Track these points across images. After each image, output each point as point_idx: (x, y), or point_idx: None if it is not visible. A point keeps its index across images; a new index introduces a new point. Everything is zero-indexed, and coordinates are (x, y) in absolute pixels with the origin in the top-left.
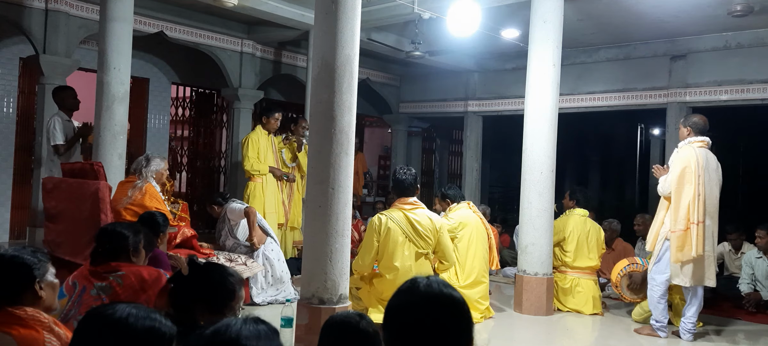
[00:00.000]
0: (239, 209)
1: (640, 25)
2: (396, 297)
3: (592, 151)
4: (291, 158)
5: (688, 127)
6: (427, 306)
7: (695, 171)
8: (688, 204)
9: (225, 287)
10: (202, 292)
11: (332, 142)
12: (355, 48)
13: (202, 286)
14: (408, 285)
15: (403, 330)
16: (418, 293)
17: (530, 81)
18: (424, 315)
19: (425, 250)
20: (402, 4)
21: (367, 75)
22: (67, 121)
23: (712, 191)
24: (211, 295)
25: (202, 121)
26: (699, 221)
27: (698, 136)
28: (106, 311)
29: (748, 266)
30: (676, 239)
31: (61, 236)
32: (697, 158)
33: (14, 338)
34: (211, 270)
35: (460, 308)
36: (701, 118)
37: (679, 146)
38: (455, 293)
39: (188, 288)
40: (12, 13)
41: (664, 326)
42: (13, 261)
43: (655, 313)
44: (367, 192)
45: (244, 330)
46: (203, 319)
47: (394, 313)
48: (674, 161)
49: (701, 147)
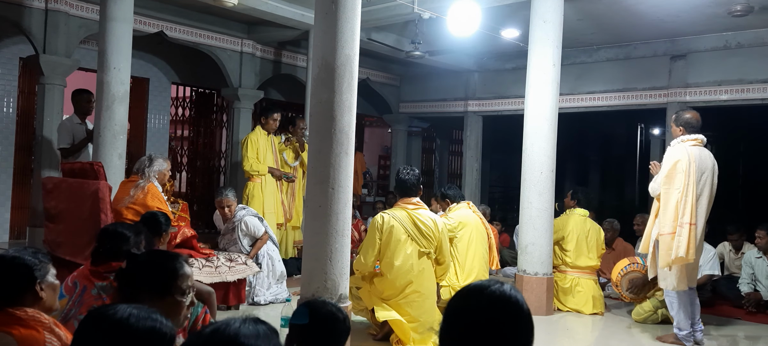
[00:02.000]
0: (258, 229)
1: (640, 25)
2: (458, 299)
3: (592, 151)
4: (293, 158)
5: (680, 127)
6: (491, 310)
7: (686, 170)
8: (676, 205)
9: (165, 268)
10: (142, 280)
11: (332, 142)
12: (355, 48)
13: (141, 274)
14: (474, 288)
15: (465, 333)
16: (485, 296)
17: (530, 81)
18: (489, 318)
19: (427, 249)
20: (402, 4)
21: (367, 75)
22: (77, 124)
23: (704, 191)
24: (152, 280)
25: (202, 121)
26: (691, 222)
27: (691, 135)
28: (108, 311)
29: (748, 266)
30: (663, 242)
31: (61, 236)
32: (688, 157)
33: (15, 338)
34: (149, 256)
35: (526, 315)
36: (693, 116)
37: (671, 145)
38: (522, 298)
39: (129, 280)
40: (12, 12)
41: (689, 334)
42: (14, 262)
43: (677, 320)
44: (367, 192)
45: (243, 329)
46: (153, 306)
47: (457, 315)
48: (664, 160)
49: (694, 145)
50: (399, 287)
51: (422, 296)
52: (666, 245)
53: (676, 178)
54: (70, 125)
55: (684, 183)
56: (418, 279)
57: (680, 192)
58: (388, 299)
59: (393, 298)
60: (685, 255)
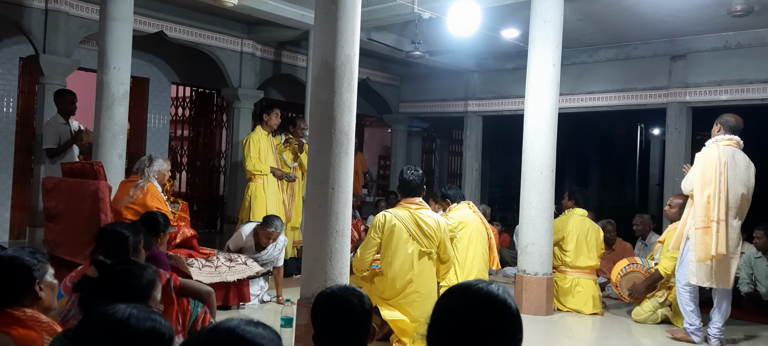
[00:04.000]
0: (274, 259)
1: (640, 25)
2: (445, 298)
3: (592, 152)
4: (293, 159)
5: (719, 125)
6: (479, 308)
7: (716, 168)
8: (708, 200)
9: (135, 289)
10: (111, 295)
11: (332, 142)
12: (355, 48)
13: (111, 290)
14: (461, 286)
15: (452, 331)
16: (470, 294)
17: (530, 81)
18: (475, 317)
19: (429, 249)
20: (402, 4)
21: (367, 75)
22: (62, 125)
23: (737, 189)
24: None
25: (202, 121)
26: (720, 219)
27: (727, 135)
28: (107, 311)
29: (747, 266)
30: (696, 236)
31: (61, 235)
32: (719, 156)
33: (13, 338)
34: (120, 272)
35: (514, 314)
36: (733, 117)
37: (706, 144)
38: (510, 297)
39: (95, 293)
40: (12, 12)
41: (698, 329)
42: (13, 262)
43: (687, 316)
44: (367, 192)
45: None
46: None
47: (444, 313)
48: (696, 159)
49: (728, 145)
50: (399, 286)
51: (422, 296)
52: (699, 240)
53: (707, 175)
54: (55, 126)
55: (716, 180)
56: (418, 279)
57: (713, 188)
58: (389, 299)
59: (393, 298)
60: (722, 250)
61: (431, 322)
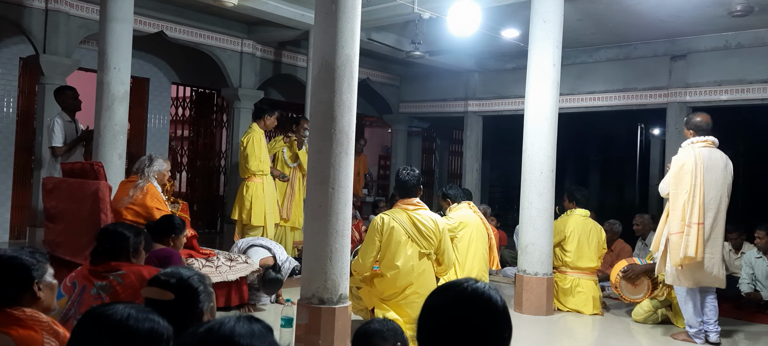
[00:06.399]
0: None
1: (640, 25)
2: (433, 297)
3: (592, 152)
4: (292, 158)
5: (690, 129)
6: (464, 306)
7: (692, 171)
8: (683, 205)
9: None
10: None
11: (332, 142)
12: (355, 48)
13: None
14: (448, 285)
15: (439, 330)
16: (457, 292)
17: (530, 81)
18: (460, 315)
19: (428, 250)
20: (402, 4)
21: (367, 75)
22: (68, 122)
23: (716, 191)
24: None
25: (202, 121)
26: (698, 222)
27: (701, 136)
28: (106, 311)
29: (748, 266)
30: (672, 242)
31: (61, 236)
32: (695, 158)
33: (13, 338)
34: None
35: (500, 311)
36: (703, 118)
37: (682, 146)
38: (496, 295)
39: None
40: (12, 12)
41: (699, 331)
42: (12, 262)
43: (686, 317)
44: (367, 192)
45: (237, 328)
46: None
47: (430, 312)
48: (672, 162)
49: (704, 147)
50: (399, 287)
51: (422, 298)
52: (675, 245)
53: (683, 179)
54: (62, 123)
55: (691, 184)
56: (418, 280)
57: (687, 193)
58: (388, 300)
59: (393, 299)
60: (694, 255)
61: (419, 322)
